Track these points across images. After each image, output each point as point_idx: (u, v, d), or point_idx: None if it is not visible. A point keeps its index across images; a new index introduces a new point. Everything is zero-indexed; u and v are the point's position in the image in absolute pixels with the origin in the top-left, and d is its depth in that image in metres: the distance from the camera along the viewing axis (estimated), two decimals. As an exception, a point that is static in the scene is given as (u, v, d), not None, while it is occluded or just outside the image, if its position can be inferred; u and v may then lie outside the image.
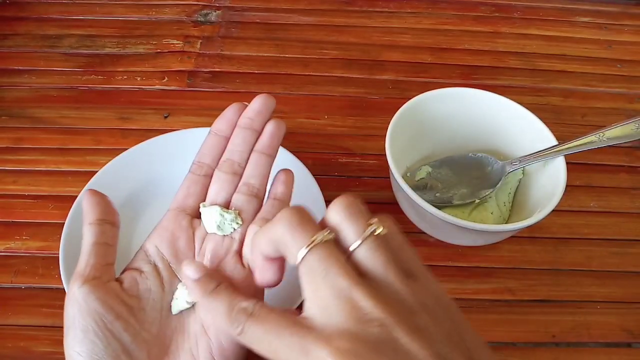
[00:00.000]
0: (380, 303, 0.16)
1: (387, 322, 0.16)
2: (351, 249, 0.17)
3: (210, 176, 0.25)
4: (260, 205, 0.25)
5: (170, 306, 0.22)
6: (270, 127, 0.25)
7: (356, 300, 0.16)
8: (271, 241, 0.18)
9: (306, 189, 0.33)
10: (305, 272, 0.17)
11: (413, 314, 0.16)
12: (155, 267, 0.23)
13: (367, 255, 0.17)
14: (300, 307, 0.18)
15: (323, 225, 0.18)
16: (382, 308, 0.16)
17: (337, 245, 0.17)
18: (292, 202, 0.25)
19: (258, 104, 0.25)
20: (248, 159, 0.25)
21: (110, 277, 0.22)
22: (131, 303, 0.21)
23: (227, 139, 0.26)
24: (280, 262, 0.19)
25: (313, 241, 0.17)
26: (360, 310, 0.16)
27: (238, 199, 0.24)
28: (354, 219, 0.18)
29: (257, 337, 0.17)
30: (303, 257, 0.17)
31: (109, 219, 0.23)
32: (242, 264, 0.23)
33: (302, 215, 0.18)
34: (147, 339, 0.21)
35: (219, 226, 0.23)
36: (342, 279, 0.16)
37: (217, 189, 0.25)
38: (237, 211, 0.24)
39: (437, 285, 0.18)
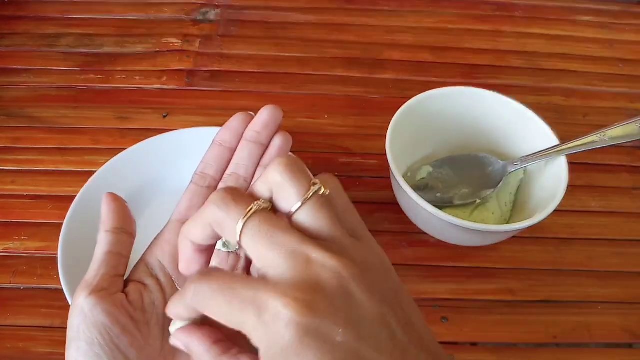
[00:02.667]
0: (335, 255, 0.16)
1: (343, 274, 0.15)
2: (293, 209, 0.17)
3: (213, 188, 0.24)
4: None
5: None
6: (277, 141, 0.24)
7: (308, 253, 0.16)
8: (206, 225, 0.17)
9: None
10: (248, 244, 0.16)
11: (364, 271, 0.16)
12: (158, 280, 0.22)
13: (311, 215, 0.17)
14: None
15: (256, 196, 0.17)
16: (337, 260, 0.16)
17: (276, 211, 0.17)
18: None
19: (265, 116, 0.24)
20: (254, 173, 0.24)
21: (118, 289, 0.21)
22: (137, 317, 0.21)
23: (232, 150, 0.25)
24: (209, 252, 0.19)
25: (250, 210, 0.16)
26: (315, 263, 0.15)
27: None
28: (295, 179, 0.17)
29: (208, 297, 0.16)
30: (242, 230, 0.16)
31: (126, 228, 0.22)
32: None
33: (234, 191, 0.17)
34: (151, 355, 0.20)
35: (224, 243, 0.23)
36: (289, 238, 0.16)
37: None
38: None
39: (379, 249, 0.18)
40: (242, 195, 0.17)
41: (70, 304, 0.27)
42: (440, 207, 0.29)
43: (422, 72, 0.45)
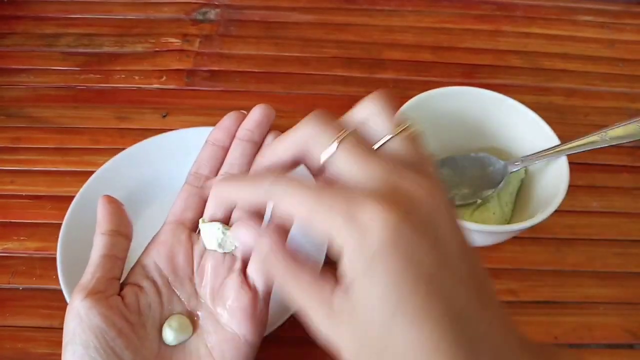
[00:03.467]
0: (424, 186, 0.16)
1: (436, 200, 0.16)
2: (387, 138, 0.17)
3: (208, 187, 0.24)
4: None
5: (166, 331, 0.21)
6: (270, 139, 0.25)
7: (404, 174, 0.16)
8: (294, 143, 0.18)
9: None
10: (342, 160, 0.16)
11: (448, 208, 0.16)
12: (154, 283, 0.22)
13: (404, 145, 0.17)
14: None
15: (347, 121, 0.18)
16: (432, 184, 0.16)
17: (365, 138, 0.17)
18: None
19: (257, 115, 0.24)
20: (247, 172, 0.24)
21: (114, 292, 0.21)
22: (132, 319, 0.21)
23: (225, 149, 0.25)
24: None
25: (344, 131, 0.17)
26: (411, 182, 0.16)
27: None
28: (392, 110, 0.17)
29: (292, 188, 0.16)
30: (337, 149, 0.16)
31: (122, 230, 0.22)
32: (248, 285, 0.21)
33: (327, 115, 0.18)
34: (147, 357, 0.20)
35: (219, 244, 0.23)
36: (383, 161, 0.16)
37: (217, 204, 0.23)
38: (227, 226, 0.23)
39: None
40: (334, 119, 0.18)
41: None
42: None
43: (422, 72, 0.45)
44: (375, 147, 0.17)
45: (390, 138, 0.17)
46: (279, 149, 0.18)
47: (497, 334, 0.15)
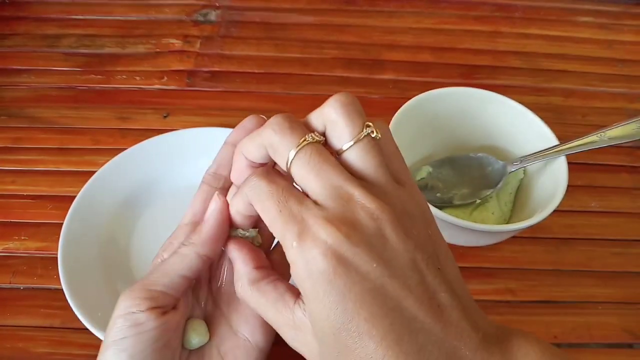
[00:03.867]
0: (375, 199, 0.16)
1: (381, 217, 0.16)
2: (344, 147, 0.17)
3: (227, 189, 0.23)
4: None
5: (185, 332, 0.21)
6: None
7: (351, 192, 0.16)
8: (260, 145, 0.18)
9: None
10: (296, 173, 0.17)
11: (401, 217, 0.17)
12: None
13: (360, 156, 0.17)
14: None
15: (310, 127, 0.18)
16: (377, 204, 0.16)
17: (327, 147, 0.18)
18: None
19: (250, 125, 0.24)
20: None
21: (171, 308, 0.21)
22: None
23: None
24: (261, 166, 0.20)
25: (303, 141, 0.17)
26: (356, 202, 0.16)
27: None
28: (350, 118, 0.17)
29: (261, 196, 0.17)
30: (293, 158, 0.17)
31: (212, 258, 0.21)
32: None
33: (292, 120, 0.18)
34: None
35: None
36: (336, 173, 0.17)
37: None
38: (257, 229, 0.22)
39: (420, 195, 0.18)
40: (298, 124, 0.18)
41: (70, 304, 0.27)
42: (440, 207, 0.29)
43: (422, 72, 0.45)
44: (338, 153, 0.18)
45: (349, 147, 0.17)
46: (249, 147, 0.19)
47: (453, 338, 0.16)
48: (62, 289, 0.28)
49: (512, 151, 0.35)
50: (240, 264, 0.19)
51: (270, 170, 0.18)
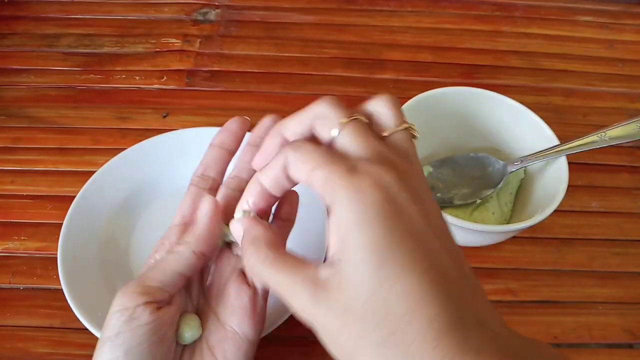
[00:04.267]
0: (415, 167, 0.18)
1: (420, 182, 0.18)
2: (387, 133, 0.19)
3: (215, 190, 0.24)
4: None
5: (178, 327, 0.21)
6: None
7: (392, 158, 0.17)
8: (307, 119, 0.19)
9: (306, 190, 0.33)
10: (345, 139, 0.18)
11: (431, 194, 0.18)
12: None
13: (402, 139, 0.19)
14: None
15: (356, 110, 0.19)
16: (416, 171, 0.18)
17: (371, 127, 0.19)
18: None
19: (269, 123, 0.24)
20: None
21: (167, 303, 0.21)
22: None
23: (231, 153, 0.25)
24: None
25: (352, 115, 0.18)
26: (398, 163, 0.17)
27: None
28: (395, 110, 0.19)
29: (304, 150, 0.18)
30: (344, 128, 0.18)
31: (207, 254, 0.22)
32: (247, 283, 0.22)
33: (339, 100, 0.19)
34: (162, 358, 0.20)
35: (226, 244, 0.23)
36: (379, 145, 0.18)
37: (224, 207, 0.23)
38: None
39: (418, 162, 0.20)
40: (345, 106, 0.19)
41: (70, 304, 0.27)
42: (440, 207, 0.29)
43: (422, 72, 0.45)
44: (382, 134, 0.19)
45: (393, 132, 0.19)
46: (292, 123, 0.19)
47: (479, 303, 0.16)
48: (62, 289, 0.28)
49: (512, 151, 0.35)
50: (258, 230, 0.19)
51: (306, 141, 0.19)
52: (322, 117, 0.19)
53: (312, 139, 0.19)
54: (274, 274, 0.17)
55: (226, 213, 0.23)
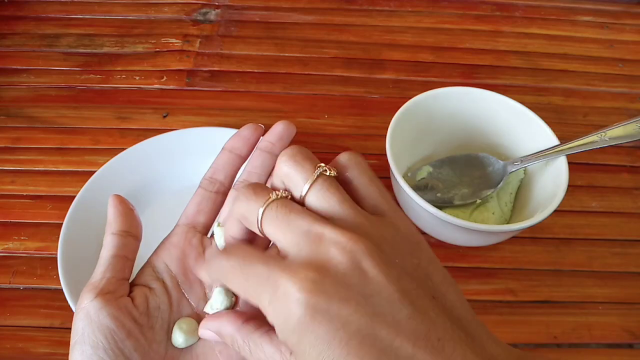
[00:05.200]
0: (347, 233, 0.16)
1: (354, 249, 0.16)
2: (303, 193, 0.17)
3: (222, 193, 0.24)
4: None
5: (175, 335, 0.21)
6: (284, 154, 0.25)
7: (321, 232, 0.16)
8: (236, 220, 0.19)
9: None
10: (268, 230, 0.17)
11: (380, 245, 0.16)
12: (164, 284, 0.22)
13: (319, 196, 0.17)
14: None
15: (275, 188, 0.18)
16: (348, 237, 0.16)
17: (292, 199, 0.18)
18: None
19: (280, 129, 0.24)
20: (265, 183, 0.24)
21: (124, 293, 0.21)
22: (141, 321, 0.20)
23: (242, 158, 0.25)
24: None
25: (268, 199, 0.17)
26: (327, 240, 0.16)
27: None
28: (299, 166, 0.18)
29: (226, 273, 0.17)
30: (262, 218, 0.17)
31: (132, 231, 0.22)
32: None
33: (255, 186, 0.18)
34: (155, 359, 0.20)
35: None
36: (303, 219, 0.17)
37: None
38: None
39: (405, 222, 0.18)
40: (263, 188, 0.18)
41: (70, 304, 0.27)
42: (440, 207, 0.29)
43: (422, 72, 0.45)
44: (302, 202, 0.18)
45: (307, 192, 0.17)
46: (231, 230, 0.20)
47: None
48: (61, 289, 0.28)
49: (512, 151, 0.35)
50: (227, 327, 0.19)
51: (227, 247, 0.18)
52: (243, 217, 0.18)
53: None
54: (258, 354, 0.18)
55: None
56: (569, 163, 0.31)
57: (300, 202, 0.18)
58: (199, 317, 0.22)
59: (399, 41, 0.48)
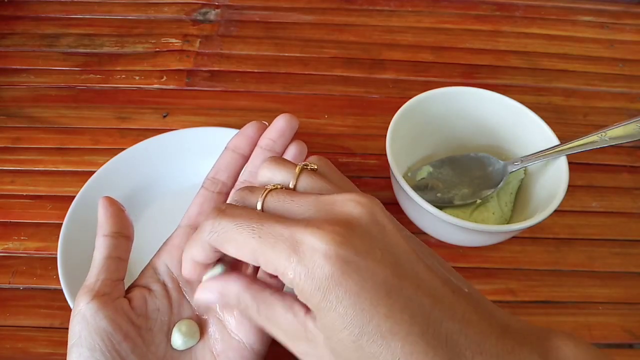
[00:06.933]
0: (354, 200, 0.16)
1: (371, 205, 0.16)
2: (291, 185, 0.18)
3: (224, 194, 0.24)
4: None
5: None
6: (293, 150, 0.24)
7: (332, 197, 0.16)
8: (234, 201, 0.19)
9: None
10: (272, 205, 0.17)
11: (384, 214, 0.17)
12: (165, 286, 0.22)
13: (309, 181, 0.18)
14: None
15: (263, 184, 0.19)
16: (360, 195, 0.16)
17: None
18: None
19: (282, 124, 0.24)
20: None
21: (119, 294, 0.21)
22: (139, 323, 0.20)
23: (245, 157, 0.25)
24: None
25: (264, 191, 0.17)
26: (341, 201, 0.16)
27: None
28: (281, 165, 0.18)
29: (231, 233, 0.16)
30: (262, 205, 0.17)
31: (124, 232, 0.22)
32: None
33: (250, 186, 0.19)
34: None
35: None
36: (307, 195, 0.17)
37: None
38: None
39: None
40: (256, 187, 0.18)
41: (70, 304, 0.27)
42: (440, 207, 0.29)
43: (422, 72, 0.45)
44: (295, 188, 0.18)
45: (295, 183, 0.18)
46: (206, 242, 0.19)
47: (474, 326, 0.15)
48: (61, 289, 0.28)
49: (512, 151, 0.35)
50: (233, 286, 0.18)
51: (224, 206, 0.18)
52: (243, 199, 0.18)
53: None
54: (271, 320, 0.17)
55: None
56: (569, 163, 0.31)
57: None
58: (198, 320, 0.22)
59: (399, 41, 0.47)
